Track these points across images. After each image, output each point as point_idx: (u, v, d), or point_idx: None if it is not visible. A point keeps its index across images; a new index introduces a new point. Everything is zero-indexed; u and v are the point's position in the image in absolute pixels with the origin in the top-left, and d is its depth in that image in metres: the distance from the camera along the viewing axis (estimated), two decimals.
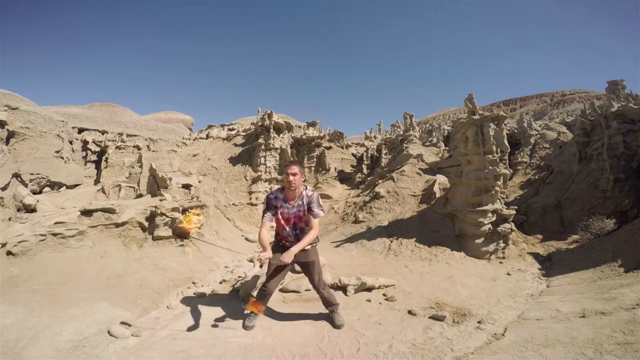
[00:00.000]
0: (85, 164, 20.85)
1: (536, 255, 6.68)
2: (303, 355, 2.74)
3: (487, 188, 6.53)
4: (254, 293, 3.71)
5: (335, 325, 3.22)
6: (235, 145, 14.55)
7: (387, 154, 14.74)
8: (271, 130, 13.12)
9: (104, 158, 18.00)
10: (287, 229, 3.13)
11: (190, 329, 3.06)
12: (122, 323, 3.16)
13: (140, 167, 10.05)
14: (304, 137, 16.10)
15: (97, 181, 16.93)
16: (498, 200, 6.61)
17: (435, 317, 3.57)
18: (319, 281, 3.25)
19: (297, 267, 4.18)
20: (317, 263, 3.25)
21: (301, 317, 3.46)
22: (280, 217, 3.12)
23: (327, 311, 3.35)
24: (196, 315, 3.38)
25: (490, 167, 6.46)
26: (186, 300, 4.07)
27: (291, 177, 3.02)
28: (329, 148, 16.66)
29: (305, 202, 3.10)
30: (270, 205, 3.12)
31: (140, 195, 8.52)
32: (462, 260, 6.01)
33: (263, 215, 3.12)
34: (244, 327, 3.09)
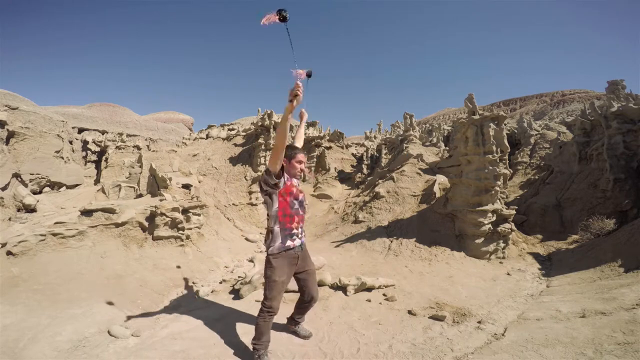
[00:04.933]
0: (85, 164, 20.85)
1: (536, 255, 6.68)
2: (303, 355, 2.74)
3: (487, 188, 6.53)
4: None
5: (304, 337, 3.01)
6: (235, 145, 14.56)
7: (387, 154, 14.75)
8: (271, 130, 13.12)
9: (104, 158, 17.99)
10: (300, 197, 2.65)
11: (190, 329, 3.06)
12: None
13: (140, 167, 10.05)
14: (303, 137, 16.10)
15: (97, 181, 16.94)
16: (498, 200, 6.61)
17: (435, 317, 3.57)
18: (317, 290, 2.90)
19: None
20: (315, 271, 2.91)
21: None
22: (293, 185, 2.59)
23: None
24: (196, 315, 3.38)
25: (490, 167, 6.46)
26: (186, 300, 4.07)
27: (302, 166, 2.67)
28: (329, 148, 16.66)
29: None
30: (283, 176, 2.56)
31: (140, 195, 8.53)
32: (462, 260, 6.01)
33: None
34: None
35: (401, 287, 4.60)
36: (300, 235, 2.67)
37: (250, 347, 2.62)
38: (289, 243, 2.57)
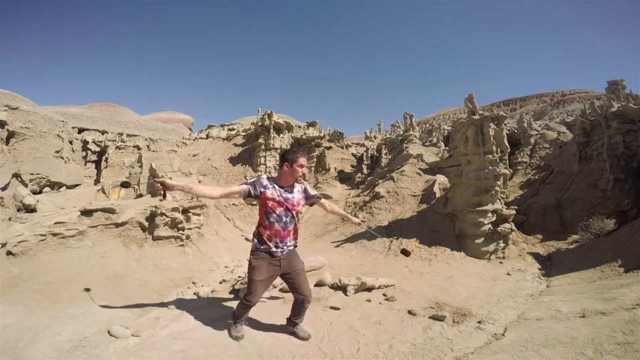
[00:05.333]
0: (85, 164, 20.87)
1: (536, 255, 6.68)
2: (303, 355, 2.74)
3: (487, 188, 6.53)
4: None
5: (303, 338, 2.96)
6: (235, 145, 14.56)
7: (387, 154, 14.76)
8: (271, 130, 13.13)
9: (104, 158, 17.99)
10: (278, 211, 2.64)
11: (190, 329, 3.06)
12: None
13: (140, 167, 10.05)
14: (304, 137, 16.10)
15: (97, 181, 16.94)
16: (498, 200, 6.61)
17: (435, 317, 3.57)
18: (308, 289, 2.88)
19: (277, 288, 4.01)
20: (304, 270, 2.92)
21: None
22: (267, 199, 2.62)
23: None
24: (196, 315, 3.38)
25: (490, 167, 6.46)
26: (186, 301, 4.07)
27: (304, 170, 2.67)
28: (329, 148, 16.65)
29: (302, 190, 2.79)
30: (257, 184, 2.63)
31: (140, 195, 8.52)
32: (462, 260, 6.01)
33: (245, 187, 2.62)
34: (233, 338, 2.87)
35: (401, 287, 4.60)
36: (275, 248, 2.68)
37: (232, 322, 2.97)
38: (264, 247, 2.71)
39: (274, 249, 2.69)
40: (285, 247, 2.73)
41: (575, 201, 8.99)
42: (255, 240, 2.75)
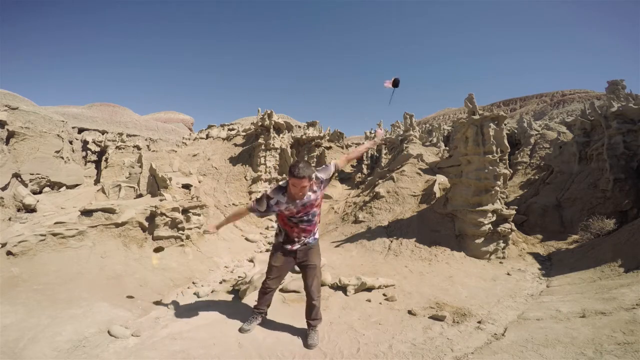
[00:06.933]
0: (85, 164, 20.85)
1: (536, 255, 6.68)
2: (303, 355, 2.74)
3: (487, 188, 6.53)
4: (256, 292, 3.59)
5: (307, 344, 2.85)
6: (235, 145, 14.55)
7: (387, 154, 14.76)
8: (271, 130, 13.13)
9: (104, 158, 17.99)
10: (297, 216, 2.74)
11: (190, 329, 3.05)
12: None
13: (140, 167, 10.05)
14: (304, 137, 16.10)
15: (97, 181, 16.93)
16: (498, 200, 6.61)
17: (435, 317, 3.57)
18: (314, 287, 2.92)
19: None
20: (318, 267, 2.97)
21: (302, 317, 3.45)
22: (284, 214, 2.76)
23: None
24: (196, 315, 3.37)
25: (490, 167, 6.46)
26: (186, 301, 4.07)
27: (298, 191, 2.57)
28: (329, 148, 16.65)
29: (315, 189, 2.73)
30: (268, 206, 2.70)
31: (140, 195, 8.52)
32: (462, 260, 6.01)
33: (251, 206, 2.78)
34: (241, 330, 3.00)
35: (401, 287, 4.60)
36: (298, 239, 2.86)
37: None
38: (279, 239, 2.95)
39: (297, 245, 2.86)
40: (306, 240, 2.88)
41: (575, 201, 8.99)
42: (279, 238, 2.94)
